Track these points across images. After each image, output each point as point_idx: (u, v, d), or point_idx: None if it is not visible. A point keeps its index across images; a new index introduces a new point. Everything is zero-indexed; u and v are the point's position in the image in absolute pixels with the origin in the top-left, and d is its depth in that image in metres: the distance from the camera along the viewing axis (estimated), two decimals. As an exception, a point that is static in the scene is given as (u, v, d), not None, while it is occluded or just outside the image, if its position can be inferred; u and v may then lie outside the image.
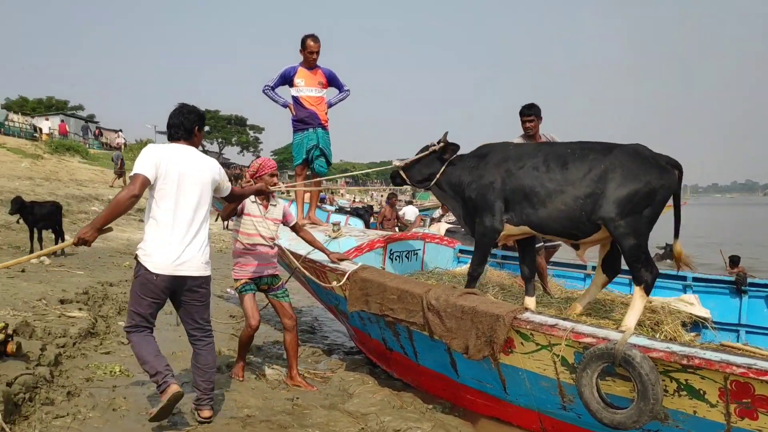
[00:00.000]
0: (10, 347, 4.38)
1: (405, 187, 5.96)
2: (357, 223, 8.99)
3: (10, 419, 3.69)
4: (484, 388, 4.74)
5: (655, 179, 4.33)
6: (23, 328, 5.20)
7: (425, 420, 4.62)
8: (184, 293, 4.01)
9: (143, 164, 3.83)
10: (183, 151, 4.05)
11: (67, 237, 11.40)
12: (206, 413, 4.16)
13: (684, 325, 5.35)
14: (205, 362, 4.19)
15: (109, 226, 3.77)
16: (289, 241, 6.62)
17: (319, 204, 8.70)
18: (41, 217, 10.20)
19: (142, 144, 45.52)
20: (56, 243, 10.79)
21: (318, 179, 7.37)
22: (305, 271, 6.24)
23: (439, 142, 5.40)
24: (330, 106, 7.20)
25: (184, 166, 3.96)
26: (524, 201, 4.78)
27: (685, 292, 6.31)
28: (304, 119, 7.02)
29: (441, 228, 11.61)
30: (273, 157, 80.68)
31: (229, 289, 10.04)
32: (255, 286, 5.31)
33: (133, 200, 3.74)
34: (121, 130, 49.41)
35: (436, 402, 5.15)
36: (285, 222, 5.46)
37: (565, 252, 6.71)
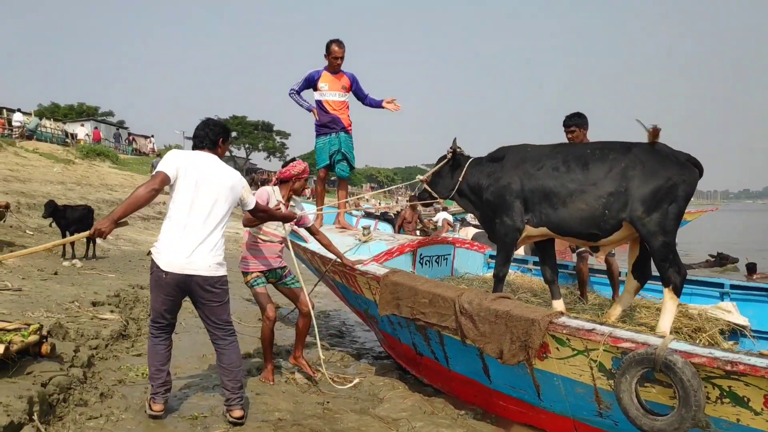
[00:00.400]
0: (45, 348, 4.43)
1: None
2: (386, 228, 8.95)
3: (44, 420, 3.71)
4: (517, 395, 4.66)
5: (676, 175, 4.35)
6: (56, 330, 5.25)
7: (457, 426, 4.56)
8: (199, 293, 4.03)
9: (166, 164, 3.98)
10: (205, 157, 4.17)
11: (98, 240, 11.55)
12: (237, 413, 4.15)
13: (722, 333, 5.22)
14: (230, 361, 4.19)
15: (125, 219, 3.85)
16: (318, 244, 6.61)
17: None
18: (73, 220, 10.32)
19: (170, 149, 46.14)
20: (88, 246, 10.92)
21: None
22: (335, 275, 6.23)
23: (449, 151, 5.44)
24: (375, 105, 7.20)
25: (204, 171, 4.06)
26: (544, 202, 4.80)
27: (723, 300, 6.16)
28: (327, 124, 7.04)
29: (469, 232, 11.52)
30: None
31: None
32: (266, 278, 5.38)
33: (152, 194, 3.84)
34: (152, 136, 50.21)
35: (467, 408, 5.07)
36: (301, 224, 5.52)
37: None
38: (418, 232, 13.46)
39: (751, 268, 12.45)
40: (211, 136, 4.22)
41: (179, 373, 5.31)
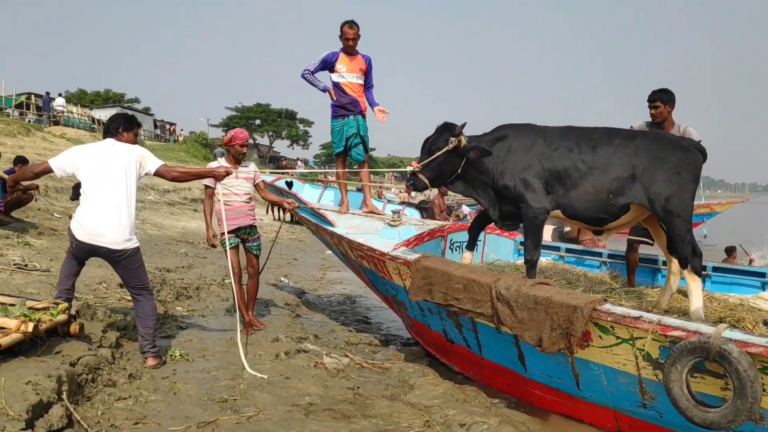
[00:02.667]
0: (73, 328, 4.38)
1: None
2: (413, 213, 8.80)
3: (73, 399, 3.65)
4: (554, 384, 4.51)
5: (679, 158, 4.57)
6: (85, 311, 5.22)
7: (491, 415, 4.42)
8: (111, 262, 4.67)
9: (56, 161, 4.66)
10: (104, 143, 4.79)
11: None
12: (151, 361, 4.71)
13: (765, 323, 5.02)
14: (143, 312, 4.77)
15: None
16: (346, 229, 6.50)
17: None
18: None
19: (196, 136, 46.34)
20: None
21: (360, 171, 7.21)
22: (363, 261, 6.11)
23: (456, 135, 5.04)
24: (369, 102, 7.04)
25: (100, 155, 4.64)
26: (558, 183, 4.85)
27: (764, 290, 5.97)
28: (345, 105, 6.89)
29: (546, 230, 11.27)
30: (320, 151, 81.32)
31: (282, 278, 10.02)
32: (237, 239, 6.23)
33: (36, 174, 4.88)
34: (175, 124, 50.76)
35: (500, 396, 4.92)
36: (253, 179, 6.38)
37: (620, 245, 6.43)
38: (450, 220, 13.23)
39: (729, 251, 12.44)
40: (113, 126, 4.90)
41: (207, 355, 5.24)
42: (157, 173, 4.78)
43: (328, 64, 6.87)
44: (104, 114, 40.03)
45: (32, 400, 3.23)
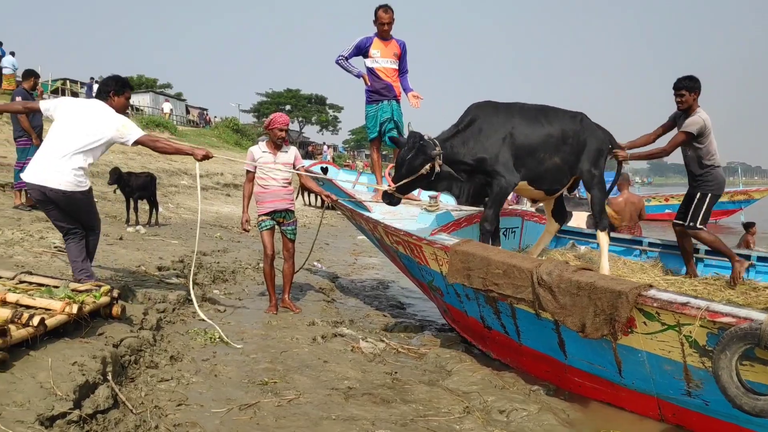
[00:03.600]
0: (115, 310, 4.43)
1: None
2: (449, 199, 8.74)
3: (117, 380, 3.69)
4: (595, 371, 4.45)
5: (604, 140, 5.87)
6: (125, 293, 5.27)
7: (531, 402, 4.38)
8: (58, 203, 4.68)
9: (48, 101, 5.03)
10: (90, 102, 4.99)
11: (160, 208, 11.68)
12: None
13: None
14: (92, 247, 5.09)
15: None
16: (383, 214, 6.48)
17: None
18: (137, 187, 10.43)
19: (227, 121, 46.65)
20: (150, 214, 11.04)
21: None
22: (398, 246, 6.08)
23: (432, 159, 5.28)
24: (404, 88, 6.98)
25: (78, 110, 4.80)
26: (527, 156, 5.47)
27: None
28: (379, 90, 6.83)
29: (580, 217, 11.06)
30: (350, 137, 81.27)
31: (316, 263, 10.04)
32: (272, 221, 6.30)
33: (25, 109, 5.86)
34: (207, 110, 51.40)
35: (539, 383, 4.86)
36: (294, 165, 6.40)
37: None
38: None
39: (748, 227, 11.85)
40: (104, 89, 5.00)
41: (246, 338, 5.27)
42: (139, 142, 4.88)
43: (362, 50, 6.82)
44: (138, 99, 40.53)
45: (79, 381, 3.27)
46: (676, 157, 5.97)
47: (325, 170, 8.31)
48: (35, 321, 3.47)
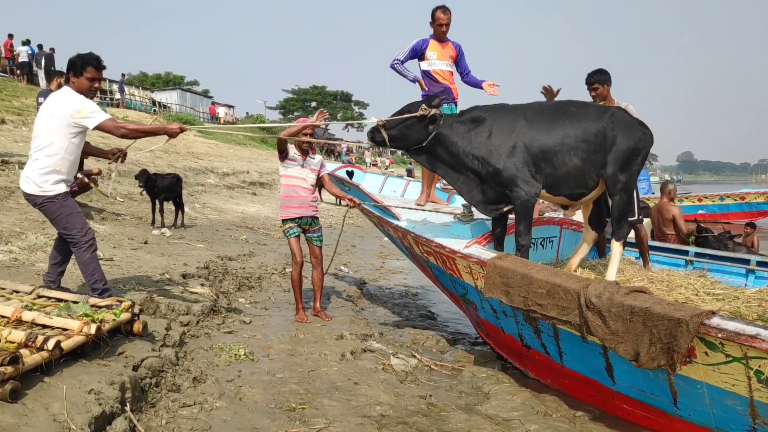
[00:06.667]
0: (137, 327, 4.23)
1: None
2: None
3: (136, 407, 3.48)
4: (647, 399, 4.12)
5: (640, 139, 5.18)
6: (148, 304, 5.09)
7: (576, 430, 4.08)
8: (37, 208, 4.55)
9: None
10: (57, 92, 4.66)
11: (186, 209, 11.53)
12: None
13: None
14: (79, 262, 4.63)
15: None
16: (411, 223, 6.21)
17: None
18: (163, 188, 10.29)
19: (252, 119, 46.70)
20: (176, 215, 10.90)
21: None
22: (429, 257, 5.79)
23: (430, 107, 5.07)
24: (474, 84, 6.69)
25: (47, 104, 4.55)
26: (544, 162, 4.95)
27: None
28: (438, 95, 6.55)
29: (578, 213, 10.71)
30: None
31: (342, 267, 9.81)
32: (299, 228, 6.23)
33: None
34: (234, 106, 51.42)
35: (584, 408, 4.55)
36: (319, 172, 6.32)
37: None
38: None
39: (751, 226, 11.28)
40: (68, 73, 4.64)
41: (272, 354, 5.04)
42: (102, 128, 4.48)
43: (418, 53, 6.57)
44: (165, 96, 40.70)
45: (95, 412, 3.06)
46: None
47: (350, 174, 8.05)
48: (50, 345, 3.27)
